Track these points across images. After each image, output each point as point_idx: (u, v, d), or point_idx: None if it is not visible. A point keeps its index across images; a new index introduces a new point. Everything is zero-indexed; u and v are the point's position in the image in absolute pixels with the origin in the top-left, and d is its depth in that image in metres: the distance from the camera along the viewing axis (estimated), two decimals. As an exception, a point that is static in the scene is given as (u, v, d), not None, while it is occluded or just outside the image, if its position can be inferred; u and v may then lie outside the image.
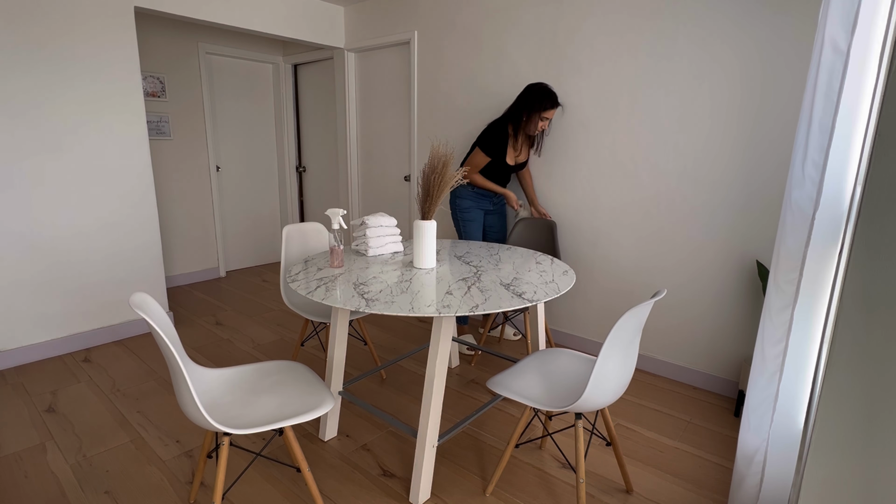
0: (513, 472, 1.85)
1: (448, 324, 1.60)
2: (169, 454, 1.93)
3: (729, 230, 2.34)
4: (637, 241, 2.66)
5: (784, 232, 1.36)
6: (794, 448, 1.41)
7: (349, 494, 1.72)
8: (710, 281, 2.44)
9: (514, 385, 1.59)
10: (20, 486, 1.74)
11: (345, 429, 2.12)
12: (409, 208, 3.94)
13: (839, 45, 1.20)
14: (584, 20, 2.67)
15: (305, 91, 4.78)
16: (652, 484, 1.80)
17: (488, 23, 3.09)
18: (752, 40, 2.17)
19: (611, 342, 1.35)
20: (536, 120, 2.56)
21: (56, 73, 2.63)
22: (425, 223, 1.84)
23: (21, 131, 2.56)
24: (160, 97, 3.95)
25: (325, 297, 1.51)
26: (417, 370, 2.68)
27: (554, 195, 2.96)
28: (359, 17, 3.92)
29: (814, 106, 1.26)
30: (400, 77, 3.80)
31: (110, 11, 2.78)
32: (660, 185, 2.53)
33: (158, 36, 3.89)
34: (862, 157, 1.21)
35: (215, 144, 4.44)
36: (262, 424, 1.36)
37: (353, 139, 4.25)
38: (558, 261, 2.05)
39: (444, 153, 1.83)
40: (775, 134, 2.17)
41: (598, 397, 1.43)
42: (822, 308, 1.30)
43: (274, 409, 1.46)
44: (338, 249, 1.88)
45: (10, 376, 2.55)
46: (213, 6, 3.21)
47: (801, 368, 1.35)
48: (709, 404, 2.37)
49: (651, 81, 2.48)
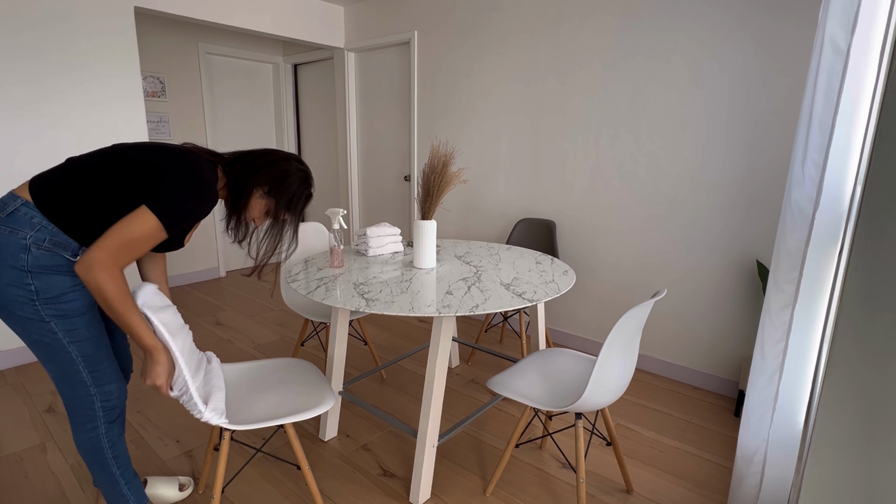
0: (513, 472, 1.85)
1: (448, 324, 1.60)
2: (169, 454, 1.93)
3: (729, 230, 2.34)
4: (637, 241, 2.66)
5: (784, 232, 1.36)
6: (794, 448, 1.41)
7: (349, 494, 1.72)
8: (710, 281, 2.44)
9: (514, 385, 1.59)
10: (20, 486, 1.74)
11: (345, 429, 2.12)
12: (409, 208, 3.94)
13: (839, 45, 1.20)
14: (585, 20, 2.67)
15: (305, 91, 4.78)
16: (652, 484, 1.80)
17: (488, 23, 3.09)
18: (752, 40, 2.17)
19: (611, 342, 1.35)
20: (278, 213, 1.41)
21: (56, 73, 2.63)
22: (425, 223, 1.84)
23: (21, 131, 2.56)
24: (160, 97, 3.95)
25: (325, 297, 1.51)
26: (417, 370, 2.68)
27: (554, 195, 2.96)
28: (359, 17, 3.92)
29: (814, 106, 1.26)
30: (400, 77, 3.80)
31: (110, 11, 2.77)
32: (660, 185, 2.53)
33: (158, 36, 3.89)
34: (862, 157, 1.21)
35: (215, 144, 4.43)
36: (262, 421, 1.36)
37: (353, 139, 4.25)
38: (558, 261, 2.05)
39: (444, 153, 1.83)
40: (775, 134, 2.17)
41: (599, 397, 1.43)
42: (822, 308, 1.30)
43: (275, 405, 1.46)
44: (338, 249, 1.88)
45: (10, 376, 2.55)
46: (213, 6, 3.20)
47: (801, 368, 1.35)
48: (709, 404, 2.37)
49: (651, 81, 2.48)
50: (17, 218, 1.17)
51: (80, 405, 1.30)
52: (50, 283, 1.19)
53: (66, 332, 1.23)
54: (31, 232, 1.17)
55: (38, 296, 1.18)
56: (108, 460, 1.36)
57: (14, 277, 1.16)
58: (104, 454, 1.34)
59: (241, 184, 1.35)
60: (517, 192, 3.13)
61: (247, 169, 1.36)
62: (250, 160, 1.37)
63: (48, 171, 1.24)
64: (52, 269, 1.19)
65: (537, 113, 2.95)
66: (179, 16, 3.08)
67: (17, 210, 1.17)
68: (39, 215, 1.18)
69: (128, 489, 1.40)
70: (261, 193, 1.37)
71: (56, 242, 1.19)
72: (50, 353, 1.24)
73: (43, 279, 1.18)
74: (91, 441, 1.33)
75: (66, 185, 1.21)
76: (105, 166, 1.23)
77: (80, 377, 1.28)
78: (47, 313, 1.20)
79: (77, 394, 1.29)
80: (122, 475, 1.38)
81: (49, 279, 1.19)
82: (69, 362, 1.25)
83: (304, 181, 1.41)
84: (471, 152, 3.34)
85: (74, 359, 1.26)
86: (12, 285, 1.16)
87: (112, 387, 1.33)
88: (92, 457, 1.34)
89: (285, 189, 1.37)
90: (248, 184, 1.35)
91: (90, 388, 1.29)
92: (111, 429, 1.35)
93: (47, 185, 1.21)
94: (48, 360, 1.24)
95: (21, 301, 1.17)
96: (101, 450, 1.34)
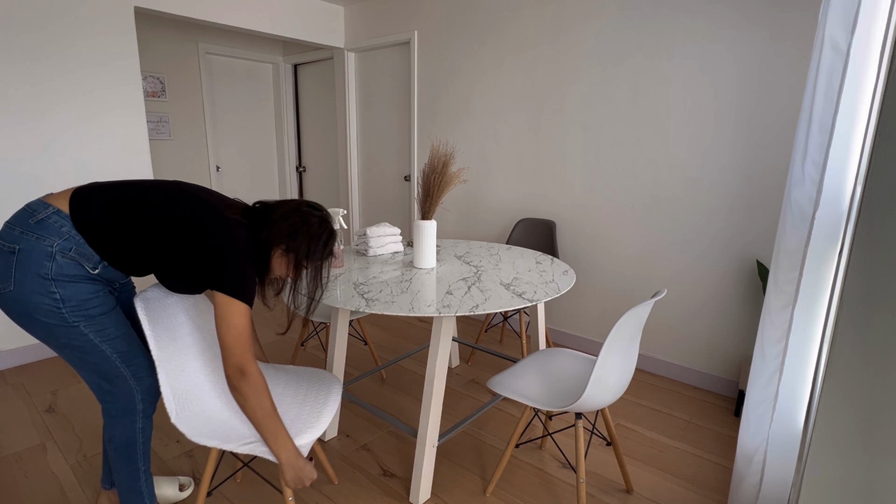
0: (513, 472, 1.85)
1: (448, 324, 1.60)
2: (169, 454, 1.93)
3: (729, 230, 2.34)
4: (637, 241, 2.66)
5: (784, 232, 1.36)
6: (794, 448, 1.41)
7: (349, 494, 1.72)
8: (710, 280, 2.44)
9: (514, 385, 1.59)
10: (20, 486, 1.74)
11: (345, 429, 2.12)
12: (409, 208, 3.94)
13: (839, 45, 1.20)
14: (585, 20, 2.67)
15: (305, 91, 4.78)
16: (652, 484, 1.80)
17: (488, 22, 3.09)
18: (752, 40, 2.17)
19: (611, 342, 1.35)
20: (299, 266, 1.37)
21: (56, 73, 2.63)
22: (425, 223, 1.84)
23: (21, 131, 2.56)
24: (160, 97, 3.95)
25: (325, 297, 1.51)
26: (417, 370, 2.68)
27: (554, 195, 2.95)
28: (359, 17, 3.92)
29: (814, 105, 1.26)
30: (400, 77, 3.80)
31: (110, 11, 2.77)
32: (660, 185, 2.53)
33: (158, 36, 3.89)
34: (862, 157, 1.21)
35: (215, 144, 4.44)
36: (241, 441, 1.30)
37: (353, 139, 4.25)
38: (558, 261, 2.05)
39: (444, 153, 1.83)
40: (775, 133, 2.17)
41: (599, 397, 1.43)
42: (822, 308, 1.30)
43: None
44: (338, 249, 1.88)
45: (10, 376, 2.55)
46: (213, 6, 3.20)
47: (801, 368, 1.36)
48: (709, 404, 2.37)
49: (651, 81, 2.48)
50: (46, 225, 1.17)
51: (120, 399, 1.33)
52: (74, 290, 1.20)
53: (96, 332, 1.24)
54: (58, 240, 1.17)
55: (65, 304, 1.19)
56: (138, 455, 1.38)
57: (39, 285, 1.16)
58: (136, 448, 1.37)
59: (261, 250, 1.33)
60: (517, 192, 3.13)
61: (263, 232, 1.32)
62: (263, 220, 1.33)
63: (94, 186, 1.24)
64: (75, 278, 1.20)
65: (537, 112, 2.95)
66: (179, 16, 3.08)
67: (47, 217, 1.18)
68: (69, 225, 1.19)
69: (145, 486, 1.43)
70: (280, 252, 1.33)
71: (80, 252, 1.19)
72: (83, 356, 1.25)
73: (67, 287, 1.19)
74: (128, 435, 1.35)
75: (108, 208, 1.21)
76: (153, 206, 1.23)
77: (118, 372, 1.29)
78: (73, 319, 1.20)
79: (118, 388, 1.31)
80: (144, 471, 1.41)
81: (72, 287, 1.19)
82: (105, 360, 1.27)
83: (319, 227, 1.34)
84: (471, 152, 3.34)
85: (110, 356, 1.27)
86: (38, 293, 1.16)
87: (150, 380, 1.36)
88: (124, 451, 1.37)
89: (301, 243, 1.31)
90: (267, 246, 1.32)
91: (130, 382, 1.32)
92: (147, 424, 1.38)
93: (89, 200, 1.21)
94: (82, 362, 1.27)
95: (47, 309, 1.17)
96: (135, 444, 1.37)
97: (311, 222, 1.33)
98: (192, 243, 1.23)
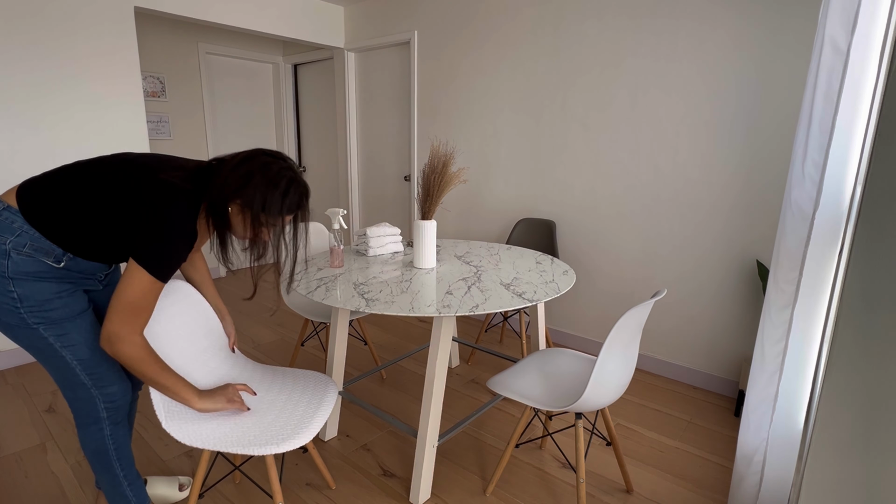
0: (513, 472, 1.85)
1: (448, 324, 1.60)
2: (169, 454, 1.93)
3: (729, 230, 2.34)
4: (637, 241, 2.66)
5: (784, 232, 1.36)
6: (794, 448, 1.41)
7: (349, 494, 1.72)
8: (710, 280, 2.44)
9: (514, 385, 1.59)
10: (20, 486, 1.74)
11: (345, 429, 2.12)
12: (409, 208, 3.94)
13: (839, 45, 1.20)
14: (585, 20, 2.67)
15: (305, 91, 4.78)
16: (652, 484, 1.80)
17: (488, 22, 3.09)
18: (752, 40, 2.17)
19: (611, 342, 1.35)
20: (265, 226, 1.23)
21: (56, 73, 2.63)
22: (425, 223, 1.84)
23: (21, 131, 2.55)
24: (160, 97, 3.95)
25: (325, 297, 1.51)
26: (417, 370, 2.68)
27: (554, 195, 2.96)
28: (359, 17, 3.92)
29: (814, 106, 1.26)
30: (400, 77, 3.80)
31: (110, 11, 2.77)
32: (660, 185, 2.53)
33: (158, 36, 3.89)
34: (862, 157, 1.21)
35: (215, 144, 4.43)
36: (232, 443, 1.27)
37: (353, 139, 4.25)
38: (558, 261, 2.05)
39: (444, 153, 1.83)
40: (775, 133, 2.17)
41: (599, 397, 1.43)
42: (822, 308, 1.30)
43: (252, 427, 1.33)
44: (338, 249, 1.88)
45: (10, 376, 2.55)
46: (213, 6, 3.20)
47: (801, 368, 1.35)
48: (709, 404, 2.37)
49: (651, 81, 2.48)
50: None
51: (83, 407, 1.28)
52: (33, 289, 1.15)
53: (56, 336, 1.19)
54: (10, 237, 1.12)
55: (22, 303, 1.14)
56: (113, 462, 1.34)
57: None
58: (108, 456, 1.33)
59: (217, 208, 1.20)
60: (517, 192, 3.13)
61: (215, 188, 1.19)
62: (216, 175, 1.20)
63: (36, 177, 1.20)
64: (35, 276, 1.15)
65: (538, 112, 2.95)
66: (179, 16, 3.08)
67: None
68: (21, 220, 1.14)
69: (130, 490, 1.39)
70: (237, 209, 1.19)
71: (37, 248, 1.14)
72: (45, 358, 1.22)
73: (25, 286, 1.14)
74: (96, 442, 1.32)
75: (52, 193, 1.17)
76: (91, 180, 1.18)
77: (78, 380, 1.25)
78: (33, 320, 1.16)
79: (79, 396, 1.27)
80: (125, 477, 1.37)
81: (32, 286, 1.15)
82: (65, 366, 1.23)
83: (276, 174, 1.17)
84: (471, 152, 3.34)
85: (70, 363, 1.22)
86: None
87: (114, 388, 1.30)
88: (96, 458, 1.33)
89: (253, 193, 1.16)
90: (221, 203, 1.19)
91: (91, 391, 1.27)
92: (116, 430, 1.33)
93: (33, 190, 1.17)
94: (45, 363, 1.23)
95: (7, 308, 1.14)
96: (106, 452, 1.33)
97: (268, 170, 1.16)
98: (123, 211, 1.16)
